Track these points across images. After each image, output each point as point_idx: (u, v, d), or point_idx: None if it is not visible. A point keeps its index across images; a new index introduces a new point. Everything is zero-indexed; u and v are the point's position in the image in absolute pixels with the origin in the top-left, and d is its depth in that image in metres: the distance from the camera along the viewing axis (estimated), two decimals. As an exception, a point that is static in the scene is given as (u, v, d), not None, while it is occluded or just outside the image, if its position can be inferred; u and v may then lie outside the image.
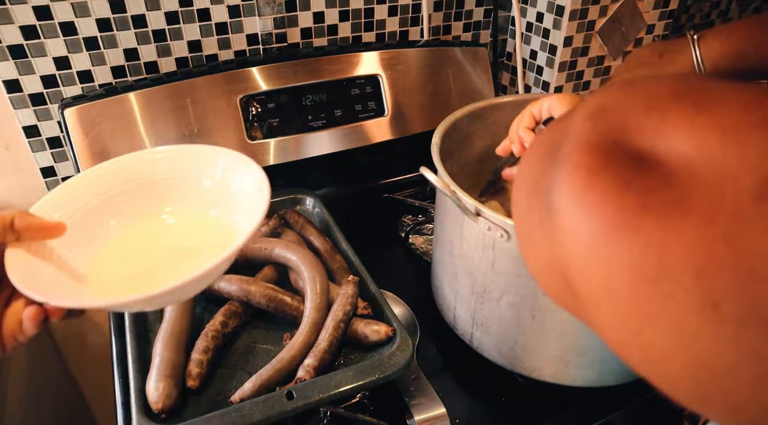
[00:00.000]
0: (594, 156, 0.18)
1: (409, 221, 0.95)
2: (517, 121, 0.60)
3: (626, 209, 0.17)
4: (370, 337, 0.62)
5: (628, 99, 0.19)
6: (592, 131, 0.19)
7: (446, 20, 1.08)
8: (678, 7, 1.09)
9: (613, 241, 0.17)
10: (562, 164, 0.19)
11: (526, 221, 0.23)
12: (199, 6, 0.86)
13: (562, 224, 0.19)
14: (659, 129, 0.17)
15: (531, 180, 0.23)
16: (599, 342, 0.62)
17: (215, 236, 0.48)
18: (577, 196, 0.18)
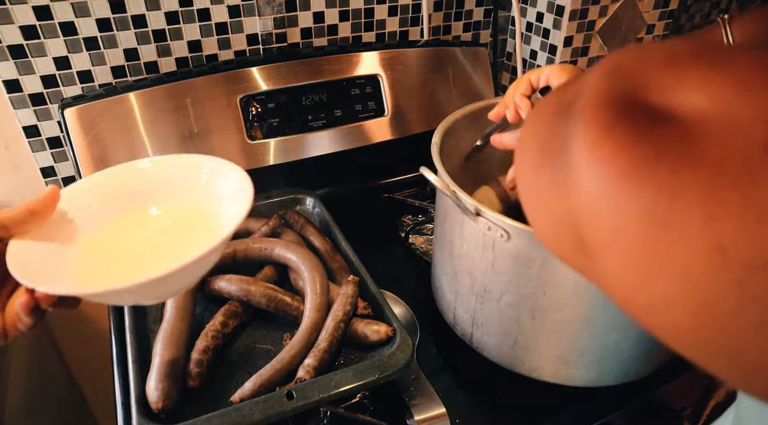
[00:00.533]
0: (610, 111, 0.19)
1: (409, 221, 0.95)
2: (513, 87, 0.60)
3: (640, 159, 0.17)
4: (370, 337, 0.62)
5: (645, 58, 0.19)
6: (608, 88, 0.19)
7: (446, 20, 1.08)
8: (678, 7, 1.09)
9: (625, 189, 0.17)
10: (577, 119, 0.20)
11: (535, 180, 0.23)
12: (199, 6, 0.86)
13: (576, 177, 0.19)
14: (675, 85, 0.18)
15: (540, 140, 0.23)
16: (599, 342, 0.62)
17: (205, 231, 0.50)
18: (592, 148, 0.19)
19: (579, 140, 0.19)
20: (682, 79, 0.18)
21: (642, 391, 0.66)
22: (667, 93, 0.18)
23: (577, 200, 0.20)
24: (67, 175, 0.90)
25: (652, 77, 0.18)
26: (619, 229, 0.18)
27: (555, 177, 0.21)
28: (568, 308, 0.58)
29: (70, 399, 1.07)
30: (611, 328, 0.58)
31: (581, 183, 0.19)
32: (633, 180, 0.17)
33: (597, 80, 0.20)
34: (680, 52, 0.19)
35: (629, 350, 0.60)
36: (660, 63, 0.19)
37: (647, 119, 0.18)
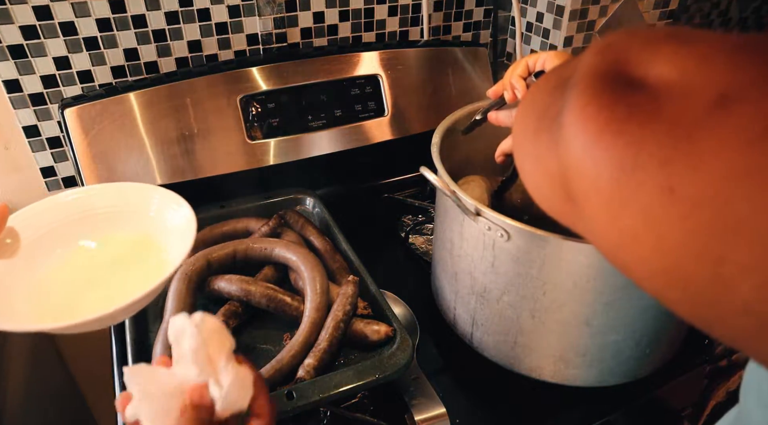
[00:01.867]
0: (597, 80, 0.22)
1: (409, 221, 0.95)
2: (511, 69, 0.64)
3: (615, 117, 0.20)
4: (370, 337, 0.62)
5: (629, 38, 0.23)
6: (598, 63, 0.23)
7: (446, 20, 1.08)
8: (678, 7, 1.09)
9: (603, 142, 0.21)
10: (572, 89, 0.23)
11: (533, 143, 0.27)
12: (199, 6, 0.86)
13: (566, 135, 0.23)
14: (651, 60, 0.21)
15: (540, 109, 0.27)
16: (599, 341, 0.62)
17: (147, 266, 0.50)
18: (580, 110, 0.22)
19: (571, 104, 0.23)
20: (657, 55, 0.21)
21: (642, 391, 0.66)
22: (644, 66, 0.21)
23: (566, 154, 0.23)
24: (67, 175, 0.90)
25: (633, 54, 0.22)
26: (597, 176, 0.21)
27: (551, 138, 0.25)
28: (568, 309, 0.58)
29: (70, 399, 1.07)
30: (611, 328, 0.58)
31: (569, 139, 0.23)
32: (608, 134, 0.20)
33: (590, 57, 0.23)
34: (659, 33, 0.22)
35: (629, 350, 0.60)
36: (640, 42, 0.22)
37: (627, 86, 0.21)
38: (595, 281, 0.54)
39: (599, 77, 0.22)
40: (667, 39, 0.21)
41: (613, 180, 0.20)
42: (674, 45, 0.21)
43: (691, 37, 0.21)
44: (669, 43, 0.21)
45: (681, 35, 0.21)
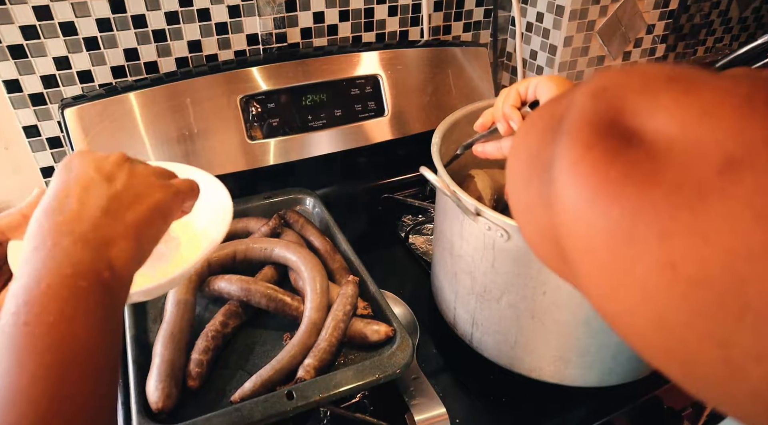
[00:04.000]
0: (590, 132, 0.20)
1: (409, 221, 0.95)
2: (502, 98, 0.60)
3: (611, 179, 0.18)
4: (370, 337, 0.62)
5: (626, 81, 0.20)
6: (592, 109, 0.20)
7: (446, 20, 1.08)
8: (678, 7, 1.09)
9: (597, 207, 0.19)
10: (563, 137, 0.21)
11: (525, 191, 0.25)
12: (199, 6, 0.86)
13: (557, 192, 0.21)
14: (649, 109, 0.19)
15: (530, 153, 0.24)
16: (599, 342, 0.62)
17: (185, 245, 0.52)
18: (572, 167, 0.20)
19: (562, 158, 0.21)
20: (655, 104, 0.19)
21: (642, 391, 0.66)
22: (641, 117, 0.19)
23: (557, 214, 0.21)
24: (67, 175, 0.90)
25: (630, 102, 0.19)
26: (591, 243, 0.19)
27: (541, 190, 0.22)
28: (568, 309, 0.58)
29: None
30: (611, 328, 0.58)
31: (561, 198, 0.21)
32: (603, 198, 0.19)
33: (584, 100, 0.21)
34: (659, 76, 0.19)
35: (629, 350, 0.60)
36: (638, 86, 0.20)
37: (622, 141, 0.19)
38: (595, 281, 0.54)
39: (592, 127, 0.20)
40: (667, 84, 0.19)
41: (608, 249, 0.19)
42: (675, 92, 0.18)
43: (694, 83, 0.18)
44: (669, 90, 0.19)
45: (683, 80, 0.19)
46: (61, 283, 0.32)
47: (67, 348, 0.30)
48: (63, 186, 0.37)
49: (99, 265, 0.34)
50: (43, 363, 0.29)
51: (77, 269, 0.33)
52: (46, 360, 0.29)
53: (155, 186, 0.40)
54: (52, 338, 0.30)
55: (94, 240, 0.34)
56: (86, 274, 0.33)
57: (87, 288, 0.32)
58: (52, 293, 0.31)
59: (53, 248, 0.33)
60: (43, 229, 0.34)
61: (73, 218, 0.35)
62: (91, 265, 0.33)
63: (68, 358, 0.30)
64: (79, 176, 0.38)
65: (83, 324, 0.31)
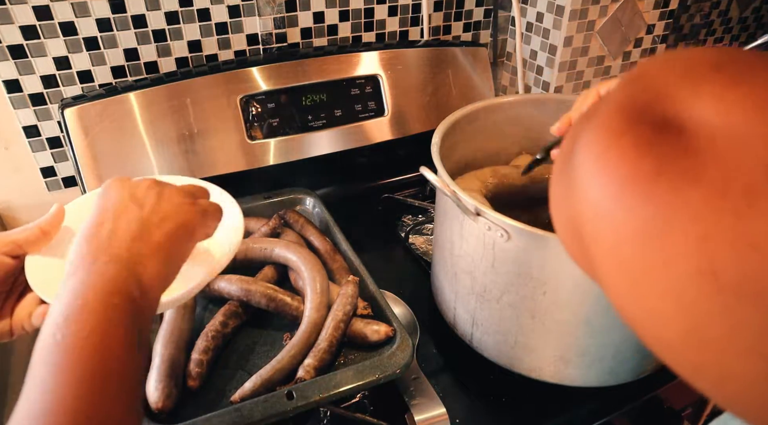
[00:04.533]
0: (621, 118, 0.18)
1: (409, 221, 0.95)
2: (581, 100, 0.57)
3: (641, 174, 0.17)
4: (370, 337, 0.62)
5: (666, 66, 0.19)
6: (628, 95, 0.19)
7: (446, 20, 1.08)
8: (678, 7, 1.09)
9: (625, 203, 0.17)
10: (592, 124, 0.19)
11: (557, 183, 0.23)
12: (199, 6, 0.86)
13: (579, 183, 0.19)
14: (690, 97, 0.17)
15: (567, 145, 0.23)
16: (599, 341, 0.62)
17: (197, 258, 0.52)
18: (597, 155, 0.18)
19: (586, 144, 0.19)
20: (698, 91, 0.17)
21: (642, 391, 0.66)
22: (681, 104, 0.17)
23: (579, 206, 0.20)
24: (67, 175, 0.90)
25: (670, 87, 0.18)
26: (616, 242, 0.18)
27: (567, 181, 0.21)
28: (568, 309, 0.58)
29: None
30: (611, 328, 0.58)
31: (584, 191, 0.19)
32: (632, 194, 0.17)
33: (621, 87, 0.19)
34: (704, 61, 0.18)
35: (629, 350, 0.60)
36: (680, 73, 0.18)
37: (657, 128, 0.17)
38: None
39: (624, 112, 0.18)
40: (714, 73, 0.17)
41: (636, 250, 0.17)
42: (722, 83, 0.17)
43: (744, 73, 0.17)
44: (716, 79, 0.17)
45: (732, 68, 0.17)
46: (95, 299, 0.34)
47: (99, 359, 0.32)
48: (100, 213, 0.40)
49: (129, 283, 0.36)
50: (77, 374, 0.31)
51: (110, 286, 0.35)
52: (79, 372, 0.31)
53: (182, 206, 0.42)
54: (87, 351, 0.32)
55: (126, 260, 0.37)
56: (118, 291, 0.35)
57: (119, 305, 0.35)
58: (88, 309, 0.33)
59: (89, 268, 0.36)
60: (82, 252, 0.37)
61: (107, 242, 0.38)
62: (122, 283, 0.36)
63: (100, 369, 0.32)
64: (114, 203, 0.41)
65: (115, 338, 0.33)
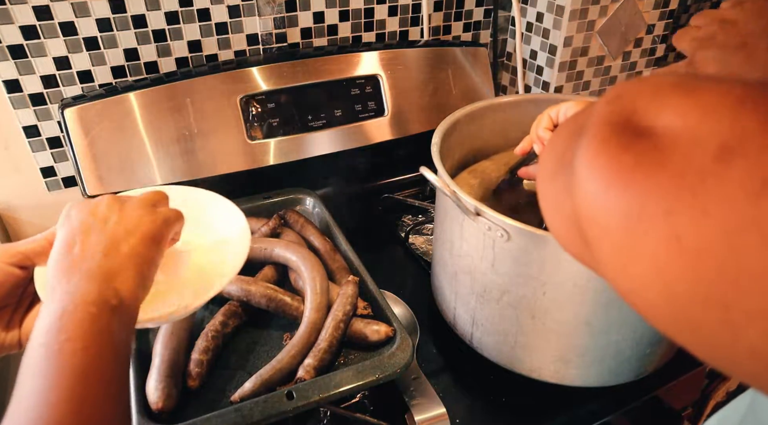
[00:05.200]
0: (607, 129, 0.23)
1: (409, 221, 0.95)
2: (536, 124, 0.65)
3: (623, 167, 0.21)
4: (370, 337, 0.62)
5: (638, 88, 0.24)
6: (609, 112, 0.24)
7: (446, 20, 1.08)
8: (678, 7, 1.09)
9: (611, 191, 0.22)
10: (584, 136, 0.24)
11: (552, 186, 0.28)
12: (199, 6, 0.86)
13: (578, 182, 0.24)
14: (658, 109, 0.22)
15: (557, 154, 0.28)
16: (599, 342, 0.62)
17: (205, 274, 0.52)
18: (591, 159, 0.23)
19: (583, 151, 0.24)
20: (663, 105, 0.22)
21: (642, 391, 0.66)
22: (651, 116, 0.22)
23: (578, 200, 0.24)
24: (67, 175, 0.90)
25: (642, 104, 0.23)
26: (607, 223, 0.22)
27: (566, 182, 0.26)
28: (568, 309, 0.58)
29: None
30: (611, 328, 0.58)
31: (581, 186, 0.23)
32: (617, 183, 0.21)
33: (602, 106, 0.24)
34: (666, 82, 0.23)
35: (629, 350, 0.60)
36: (649, 92, 0.23)
37: (634, 136, 0.22)
38: (595, 281, 0.54)
39: (609, 126, 0.23)
40: (674, 88, 0.22)
41: (621, 228, 0.21)
42: (680, 95, 0.21)
43: (697, 86, 0.21)
44: (675, 93, 0.22)
45: (687, 85, 0.22)
46: (74, 309, 0.37)
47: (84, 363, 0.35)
48: (69, 235, 0.42)
49: (107, 294, 0.39)
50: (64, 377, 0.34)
51: (87, 298, 0.38)
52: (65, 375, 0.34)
53: (144, 217, 0.45)
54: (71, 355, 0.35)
55: (99, 275, 0.40)
56: (95, 302, 0.38)
57: (97, 313, 0.37)
58: (66, 318, 0.36)
59: (66, 285, 0.39)
60: (57, 275, 0.40)
61: (80, 261, 0.40)
62: (98, 295, 0.38)
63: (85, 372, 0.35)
64: (80, 223, 0.43)
65: (97, 343, 0.36)
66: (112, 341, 0.37)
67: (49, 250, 0.46)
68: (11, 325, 0.46)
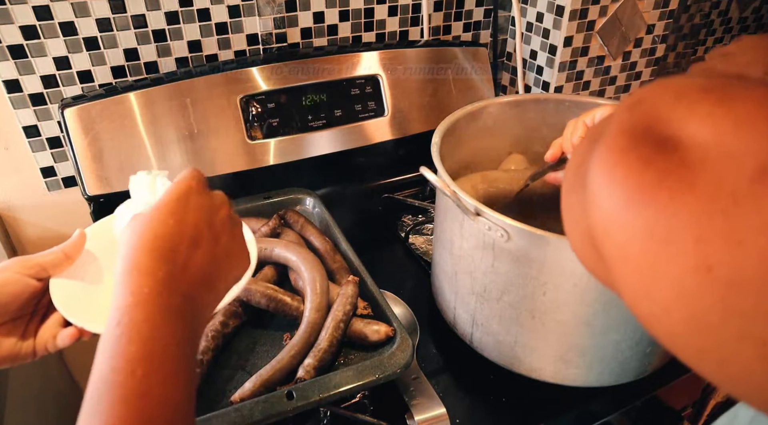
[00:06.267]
0: (626, 139, 0.21)
1: (409, 221, 0.95)
2: (569, 131, 0.63)
3: (645, 183, 0.19)
4: (370, 337, 0.62)
5: (660, 92, 0.21)
6: (628, 119, 0.21)
7: (446, 20, 1.08)
8: (678, 7, 1.09)
9: (632, 209, 0.20)
10: (601, 145, 0.22)
11: (568, 199, 0.26)
12: (199, 6, 0.86)
13: (592, 195, 0.22)
14: (684, 118, 0.19)
15: (576, 164, 0.26)
16: (599, 341, 0.62)
17: None
18: (608, 171, 0.21)
19: (598, 162, 0.21)
20: (690, 113, 0.19)
21: (642, 391, 0.66)
22: (675, 125, 0.19)
23: (592, 215, 0.22)
24: (67, 175, 0.90)
25: (664, 111, 0.20)
26: (626, 244, 0.20)
27: (579, 195, 0.24)
28: (568, 309, 0.58)
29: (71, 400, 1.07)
30: (611, 328, 0.58)
31: (596, 201, 0.21)
32: (638, 201, 0.19)
33: (622, 113, 0.22)
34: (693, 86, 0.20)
35: (629, 350, 0.60)
36: (673, 96, 0.20)
37: (657, 147, 0.19)
38: (595, 281, 0.54)
39: (628, 134, 0.21)
40: (703, 94, 0.20)
41: (643, 250, 0.19)
42: (710, 103, 0.19)
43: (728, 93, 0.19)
44: (704, 100, 0.19)
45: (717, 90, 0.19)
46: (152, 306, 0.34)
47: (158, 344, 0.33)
48: (176, 231, 0.37)
49: (195, 326, 0.37)
50: (138, 352, 0.32)
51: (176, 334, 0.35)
52: (137, 349, 0.32)
53: (243, 254, 0.42)
54: (145, 334, 0.33)
55: (190, 296, 0.36)
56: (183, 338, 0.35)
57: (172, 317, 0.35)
58: (141, 309, 0.34)
59: (155, 298, 0.34)
60: (149, 263, 0.35)
61: (180, 274, 0.36)
62: (178, 307, 0.35)
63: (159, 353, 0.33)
64: (194, 226, 0.38)
65: (167, 330, 0.34)
66: (182, 332, 0.35)
67: (64, 262, 0.47)
68: (26, 335, 0.47)
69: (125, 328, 0.33)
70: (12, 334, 0.46)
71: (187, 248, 0.37)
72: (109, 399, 0.31)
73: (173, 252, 0.36)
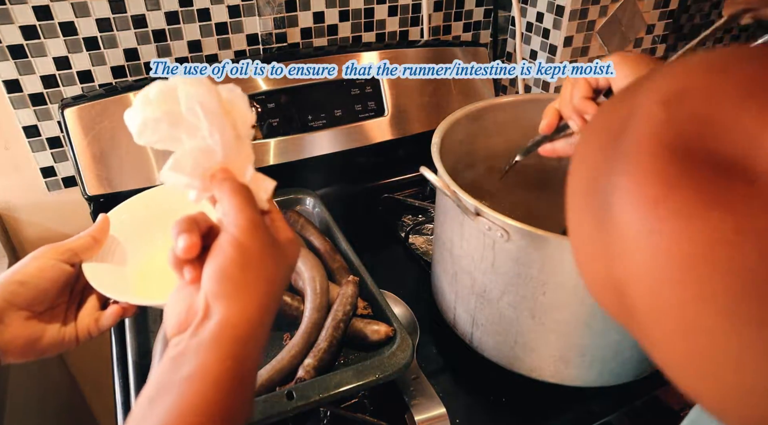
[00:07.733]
0: (669, 161, 0.14)
1: (409, 221, 0.95)
2: (568, 89, 0.49)
3: (706, 241, 0.13)
4: (370, 337, 0.62)
5: (716, 82, 0.14)
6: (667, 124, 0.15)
7: (446, 20, 1.08)
8: (678, 7, 1.09)
9: (684, 266, 0.14)
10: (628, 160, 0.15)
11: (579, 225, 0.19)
12: (199, 6, 0.86)
13: (624, 240, 0.16)
14: (757, 129, 0.13)
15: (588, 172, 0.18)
16: (599, 342, 0.62)
17: None
18: (647, 211, 0.14)
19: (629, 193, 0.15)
20: (766, 121, 0.13)
21: (642, 391, 0.66)
22: (745, 138, 0.13)
23: (621, 267, 0.16)
24: (67, 175, 0.90)
25: (725, 113, 0.13)
26: (660, 288, 0.15)
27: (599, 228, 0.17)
28: (568, 309, 0.58)
29: (70, 399, 1.07)
30: (611, 328, 0.58)
31: (632, 251, 0.15)
32: (697, 266, 0.13)
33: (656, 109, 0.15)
34: (766, 79, 0.13)
35: (629, 350, 0.60)
36: (736, 93, 0.13)
37: (718, 177, 0.13)
38: (595, 281, 0.54)
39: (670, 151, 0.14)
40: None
41: (701, 324, 0.15)
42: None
43: None
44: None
45: None
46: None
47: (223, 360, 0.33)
48: (249, 249, 0.37)
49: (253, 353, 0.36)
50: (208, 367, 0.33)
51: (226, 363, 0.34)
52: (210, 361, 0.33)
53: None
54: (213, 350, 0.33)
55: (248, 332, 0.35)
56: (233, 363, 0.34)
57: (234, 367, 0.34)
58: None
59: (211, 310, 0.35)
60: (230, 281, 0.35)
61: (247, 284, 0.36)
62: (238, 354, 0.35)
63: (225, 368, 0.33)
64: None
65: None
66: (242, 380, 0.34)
67: (94, 246, 0.49)
68: (67, 321, 0.48)
69: None
70: (54, 321, 0.47)
71: (256, 266, 0.37)
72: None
73: (244, 265, 0.37)
